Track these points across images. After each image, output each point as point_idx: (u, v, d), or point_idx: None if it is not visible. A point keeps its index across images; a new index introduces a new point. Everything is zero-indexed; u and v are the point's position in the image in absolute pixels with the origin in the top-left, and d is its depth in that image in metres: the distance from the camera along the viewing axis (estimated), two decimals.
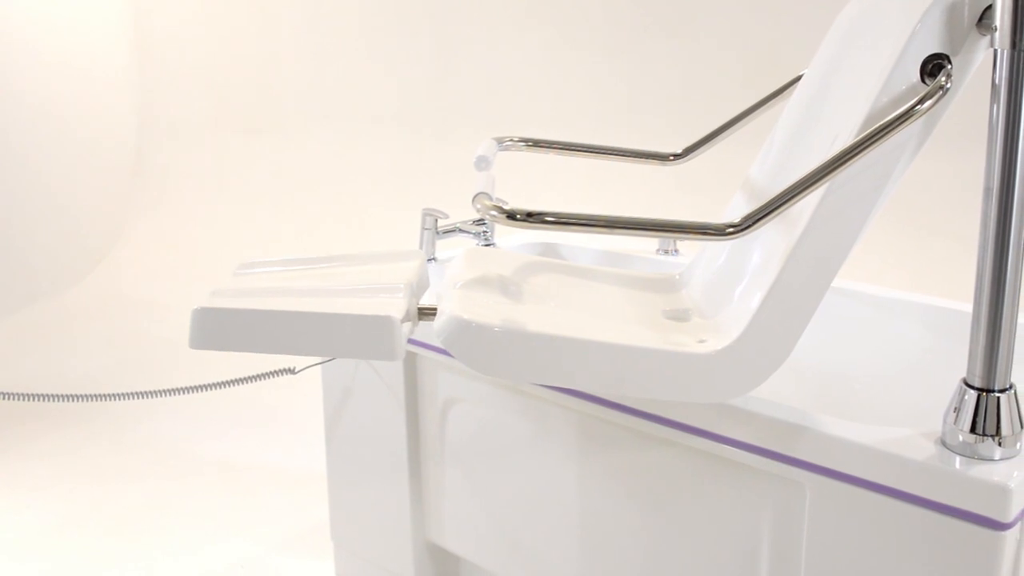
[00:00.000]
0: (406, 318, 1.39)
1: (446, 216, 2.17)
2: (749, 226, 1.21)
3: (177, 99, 4.79)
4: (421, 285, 1.54)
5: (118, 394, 2.19)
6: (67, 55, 4.30)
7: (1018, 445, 1.22)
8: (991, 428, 1.21)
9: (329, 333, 1.35)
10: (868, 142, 1.20)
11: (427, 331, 1.74)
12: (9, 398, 2.28)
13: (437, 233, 2.17)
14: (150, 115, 4.82)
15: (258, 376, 2.06)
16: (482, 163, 1.67)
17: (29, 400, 2.49)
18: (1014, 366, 1.25)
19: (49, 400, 2.40)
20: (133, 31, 4.74)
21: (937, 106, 1.23)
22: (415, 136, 4.42)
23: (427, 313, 1.45)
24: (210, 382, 2.20)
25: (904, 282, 3.43)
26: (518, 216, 1.24)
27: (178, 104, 4.79)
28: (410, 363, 1.87)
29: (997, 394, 1.22)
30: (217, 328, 1.38)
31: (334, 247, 4.29)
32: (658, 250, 2.22)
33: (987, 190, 1.19)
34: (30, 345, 3.73)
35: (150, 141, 4.82)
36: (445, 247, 2.29)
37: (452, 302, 1.39)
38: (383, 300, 1.39)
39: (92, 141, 4.50)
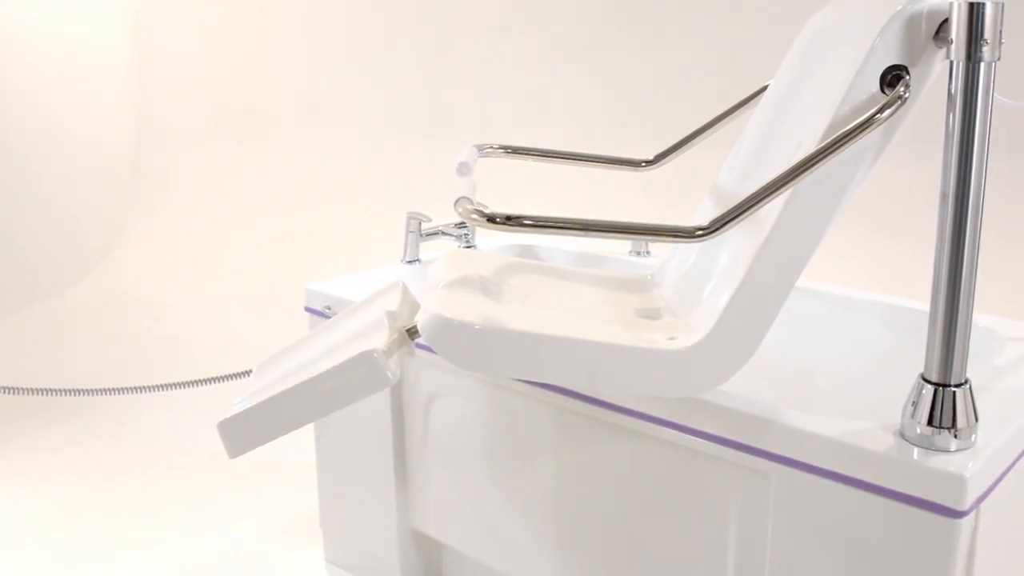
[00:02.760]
0: (395, 344, 1.38)
1: (429, 219, 2.17)
2: (717, 229, 1.21)
3: (175, 105, 4.76)
4: (408, 309, 1.53)
5: (118, 389, 2.18)
6: (69, 64, 4.26)
7: (973, 437, 1.22)
8: (947, 421, 1.21)
9: (327, 391, 1.35)
10: (830, 149, 1.20)
11: None
12: (12, 393, 2.26)
13: (421, 236, 2.16)
14: (149, 121, 4.79)
15: (253, 372, 2.04)
16: (464, 169, 1.65)
17: (32, 395, 2.46)
18: (969, 362, 1.24)
19: (51, 395, 2.38)
20: (133, 41, 4.70)
21: (896, 115, 1.23)
22: (401, 143, 4.41)
23: (416, 332, 1.44)
24: (206, 377, 2.19)
25: (864, 282, 3.43)
26: (497, 219, 1.23)
27: (176, 110, 4.76)
28: None
29: (953, 389, 1.21)
30: (241, 432, 1.39)
31: (325, 247, 4.28)
32: (631, 252, 2.22)
33: (943, 195, 1.19)
34: (32, 343, 3.70)
35: (149, 145, 4.79)
36: (429, 249, 2.28)
37: (435, 301, 1.38)
38: (365, 340, 1.39)
39: (93, 146, 4.46)
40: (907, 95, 1.22)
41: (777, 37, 3.72)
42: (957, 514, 1.16)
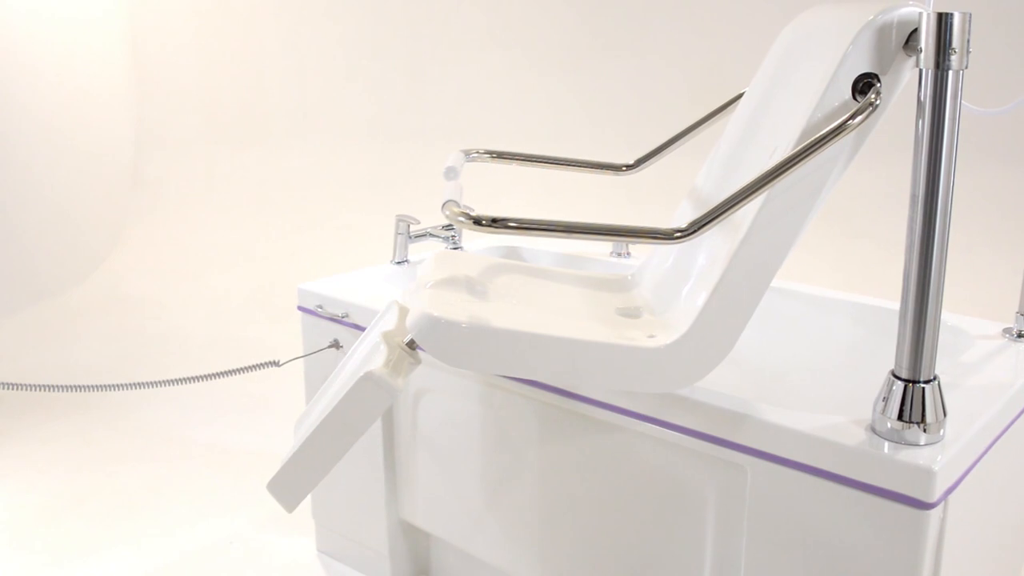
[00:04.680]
0: (398, 360, 1.38)
1: (418, 222, 2.16)
2: (695, 231, 1.20)
3: (172, 113, 4.73)
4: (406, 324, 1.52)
5: (116, 385, 2.15)
6: (69, 74, 4.23)
7: (941, 432, 1.22)
8: (917, 416, 1.20)
9: (343, 424, 1.35)
10: (804, 154, 1.19)
11: None
12: (14, 388, 2.24)
13: (409, 237, 2.15)
14: (146, 129, 4.76)
15: (246, 368, 2.02)
16: (451, 173, 1.64)
17: (33, 390, 2.44)
18: (938, 359, 1.24)
19: (51, 390, 2.35)
20: (131, 52, 4.68)
21: (867, 121, 1.22)
22: (390, 148, 4.39)
23: (415, 344, 1.44)
24: (202, 373, 2.17)
25: (836, 282, 3.44)
26: (483, 222, 1.22)
27: (173, 117, 4.74)
28: None
29: (922, 385, 1.21)
30: (288, 486, 1.41)
31: (317, 249, 4.26)
32: (612, 253, 2.21)
33: (913, 197, 1.19)
34: (35, 341, 3.67)
35: (147, 153, 4.76)
36: (417, 250, 2.27)
37: (423, 301, 1.37)
38: (366, 366, 1.39)
39: (93, 153, 4.43)
40: (878, 102, 1.22)
41: (753, 46, 3.72)
42: (926, 506, 1.16)
